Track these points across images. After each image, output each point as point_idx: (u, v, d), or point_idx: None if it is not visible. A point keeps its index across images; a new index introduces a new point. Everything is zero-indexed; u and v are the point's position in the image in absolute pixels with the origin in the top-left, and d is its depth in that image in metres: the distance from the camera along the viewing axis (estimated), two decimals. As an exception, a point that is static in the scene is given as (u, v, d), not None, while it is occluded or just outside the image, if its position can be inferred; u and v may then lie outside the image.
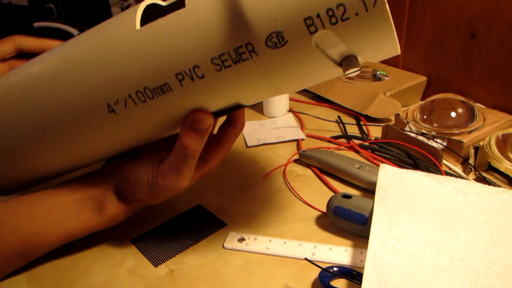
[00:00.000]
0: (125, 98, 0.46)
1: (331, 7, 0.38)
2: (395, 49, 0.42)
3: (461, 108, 0.78)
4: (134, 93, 0.46)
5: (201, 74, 0.43)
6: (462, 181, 0.59)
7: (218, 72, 0.43)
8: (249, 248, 0.57)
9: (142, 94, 0.46)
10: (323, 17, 0.38)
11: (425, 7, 0.92)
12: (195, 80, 0.44)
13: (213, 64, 0.43)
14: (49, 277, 0.54)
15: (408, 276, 0.46)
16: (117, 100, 0.47)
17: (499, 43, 0.81)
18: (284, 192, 0.68)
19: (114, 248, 0.58)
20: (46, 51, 0.54)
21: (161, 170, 0.51)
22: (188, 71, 0.43)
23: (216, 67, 0.43)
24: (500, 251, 0.49)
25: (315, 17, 0.38)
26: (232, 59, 0.42)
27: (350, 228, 0.58)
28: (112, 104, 0.47)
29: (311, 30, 0.39)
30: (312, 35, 0.39)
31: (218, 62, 0.42)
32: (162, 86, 0.45)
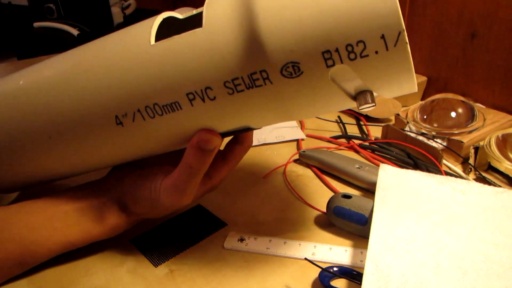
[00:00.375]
0: (134, 112, 0.46)
1: (351, 43, 0.37)
2: (413, 88, 0.42)
3: (461, 108, 0.78)
4: (143, 108, 0.46)
5: (213, 96, 0.43)
6: (462, 181, 0.59)
7: (230, 96, 0.43)
8: (249, 248, 0.57)
9: (151, 110, 0.46)
10: (342, 52, 0.38)
11: (425, 7, 0.92)
12: (206, 101, 0.44)
13: (226, 87, 0.42)
14: (49, 277, 0.54)
15: (408, 276, 0.46)
16: (125, 113, 0.47)
17: (499, 43, 0.81)
18: (284, 192, 0.68)
19: (114, 248, 0.58)
20: (58, 55, 0.54)
21: (165, 187, 0.50)
22: (200, 92, 0.43)
23: (228, 90, 0.42)
24: (500, 251, 0.49)
25: (333, 51, 0.38)
26: (245, 84, 0.42)
27: (350, 228, 0.58)
28: (120, 117, 0.47)
29: (328, 63, 0.39)
30: (329, 69, 0.39)
31: (231, 85, 0.42)
32: (172, 104, 0.45)
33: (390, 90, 0.43)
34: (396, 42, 0.37)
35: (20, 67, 0.55)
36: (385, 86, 0.41)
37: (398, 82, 0.41)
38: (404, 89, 0.43)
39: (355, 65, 0.38)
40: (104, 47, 0.49)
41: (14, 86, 0.53)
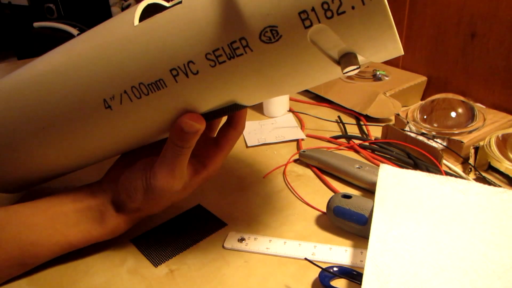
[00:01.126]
0: (121, 94, 0.47)
1: (326, 0, 0.37)
2: (397, 48, 0.41)
3: (461, 108, 0.78)
4: (129, 88, 0.46)
5: (196, 70, 0.43)
6: (462, 181, 0.59)
7: (212, 68, 0.43)
8: (249, 248, 0.57)
9: (137, 90, 0.46)
10: (318, 11, 0.37)
11: (425, 7, 0.92)
12: (189, 76, 0.44)
13: (208, 60, 0.43)
14: (49, 277, 0.54)
15: (408, 276, 0.46)
16: (112, 96, 0.47)
17: (499, 43, 0.81)
18: (284, 192, 0.68)
19: (114, 248, 0.58)
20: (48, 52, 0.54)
21: (153, 170, 0.51)
22: (183, 66, 0.44)
23: (210, 62, 0.43)
24: (500, 251, 0.49)
25: (309, 10, 0.38)
26: (226, 55, 0.42)
27: (350, 228, 0.58)
28: (108, 100, 0.47)
29: (306, 24, 0.38)
30: (307, 30, 0.39)
31: (213, 57, 0.42)
32: (157, 82, 0.45)
33: (374, 52, 0.42)
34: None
35: (20, 67, 0.55)
36: (368, 47, 0.41)
37: (381, 41, 0.40)
38: (389, 50, 0.42)
39: (333, 23, 0.38)
40: (89, 36, 0.50)
41: (8, 83, 0.54)
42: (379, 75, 0.97)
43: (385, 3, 0.36)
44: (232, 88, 0.45)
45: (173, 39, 0.43)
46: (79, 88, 0.48)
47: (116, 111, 0.48)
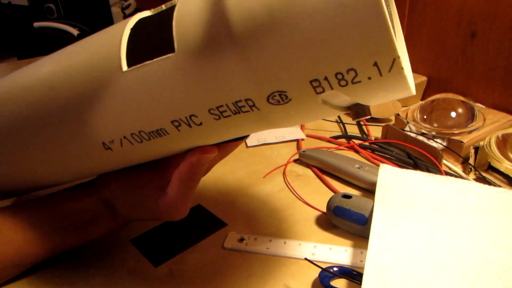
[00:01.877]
0: (121, 139, 0.44)
1: (341, 71, 0.34)
2: (410, 94, 0.38)
3: (461, 108, 0.78)
4: (129, 135, 0.44)
5: (199, 122, 0.41)
6: (462, 181, 0.59)
7: (217, 120, 0.40)
8: (249, 248, 0.57)
9: (137, 136, 0.44)
10: (332, 80, 0.35)
11: (425, 7, 0.92)
12: (192, 127, 0.41)
13: (211, 114, 0.40)
14: (49, 277, 0.54)
15: (408, 276, 0.46)
16: (112, 140, 0.45)
17: (499, 43, 0.81)
18: (284, 192, 0.68)
19: (114, 248, 0.58)
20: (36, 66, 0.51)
21: (166, 205, 0.49)
22: (185, 119, 0.41)
23: (214, 116, 0.40)
24: (500, 251, 0.49)
25: (322, 80, 0.35)
26: (231, 111, 0.39)
27: (350, 228, 0.58)
28: (108, 143, 0.45)
29: (317, 91, 0.36)
30: (319, 95, 0.36)
31: (216, 112, 0.39)
32: (158, 131, 0.42)
33: (385, 101, 0.41)
34: (391, 69, 0.33)
35: (20, 67, 0.55)
36: (380, 101, 0.39)
37: (394, 96, 0.38)
38: (400, 96, 0.40)
39: (346, 90, 0.36)
40: (74, 70, 0.44)
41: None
42: (379, 75, 0.97)
43: (405, 75, 0.34)
44: (236, 132, 0.43)
45: (169, 94, 0.39)
46: (74, 129, 0.46)
47: (117, 151, 0.46)
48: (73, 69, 0.44)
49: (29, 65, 0.51)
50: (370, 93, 0.36)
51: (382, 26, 0.31)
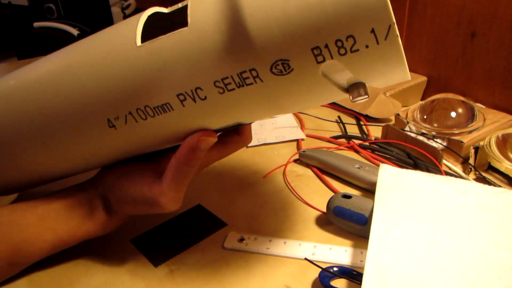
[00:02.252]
0: (126, 115, 0.46)
1: (340, 38, 0.36)
2: (405, 76, 0.41)
3: (461, 108, 0.78)
4: (134, 110, 0.45)
5: (204, 96, 0.42)
6: (462, 181, 0.59)
7: (221, 95, 0.42)
8: (249, 248, 0.57)
9: (142, 112, 0.45)
10: (332, 48, 0.37)
11: (425, 7, 0.92)
12: (197, 101, 0.43)
13: (216, 87, 0.42)
14: (49, 277, 0.54)
15: (408, 276, 0.46)
16: (117, 116, 0.46)
17: (499, 43, 0.81)
18: (284, 192, 0.68)
19: (114, 248, 0.58)
20: (50, 54, 0.53)
21: (160, 191, 0.49)
22: (190, 92, 0.42)
23: (219, 89, 0.42)
24: (500, 251, 0.49)
25: (323, 47, 0.37)
26: (235, 83, 0.41)
27: (350, 228, 0.58)
28: (112, 120, 0.46)
29: (318, 59, 0.38)
30: (320, 64, 0.38)
31: (221, 85, 0.41)
32: (164, 106, 0.44)
33: (383, 81, 0.42)
34: (387, 36, 0.36)
35: (20, 67, 0.55)
36: (377, 78, 0.41)
37: (391, 73, 0.40)
38: (397, 78, 0.42)
39: (345, 59, 0.38)
40: (91, 49, 0.48)
41: (4, 87, 0.53)
42: (379, 75, 0.97)
43: (399, 43, 0.36)
44: (240, 112, 0.45)
45: (179, 65, 0.42)
46: (82, 106, 0.47)
47: (120, 130, 0.47)
48: (92, 53, 0.47)
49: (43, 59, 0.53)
50: (368, 66, 0.38)
51: None
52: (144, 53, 0.43)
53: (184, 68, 0.41)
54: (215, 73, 0.41)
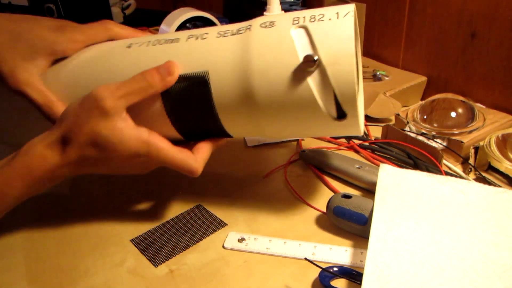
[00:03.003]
0: (145, 43, 0.58)
1: (314, 14, 0.51)
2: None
3: (461, 108, 0.78)
4: (153, 39, 0.58)
5: (205, 37, 0.55)
6: (462, 181, 0.59)
7: (217, 38, 0.54)
8: (249, 248, 0.57)
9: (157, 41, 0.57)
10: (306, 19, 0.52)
11: (425, 7, 0.92)
12: (198, 39, 0.55)
13: (218, 34, 0.54)
14: (49, 277, 0.54)
15: (408, 276, 0.46)
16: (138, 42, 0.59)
17: (499, 43, 0.81)
18: (284, 192, 0.68)
19: (114, 248, 0.58)
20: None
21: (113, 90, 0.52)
22: (199, 35, 0.55)
23: (217, 36, 0.54)
24: (500, 251, 0.49)
25: (301, 17, 0.52)
26: (232, 32, 0.54)
27: (350, 228, 0.58)
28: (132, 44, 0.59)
29: (294, 22, 0.51)
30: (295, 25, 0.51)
31: (222, 33, 0.55)
32: (174, 40, 0.56)
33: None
34: (345, 15, 0.49)
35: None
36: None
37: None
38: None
39: (313, 26, 0.50)
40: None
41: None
42: (379, 75, 0.97)
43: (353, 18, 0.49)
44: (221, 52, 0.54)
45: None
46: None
47: (134, 50, 0.58)
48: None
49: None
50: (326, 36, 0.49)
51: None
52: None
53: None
54: (221, 28, 0.56)
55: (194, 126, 0.56)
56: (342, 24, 0.49)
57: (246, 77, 0.51)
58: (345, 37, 0.48)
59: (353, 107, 0.49)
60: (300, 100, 0.50)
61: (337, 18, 0.49)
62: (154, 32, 1.36)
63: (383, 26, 1.03)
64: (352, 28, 0.48)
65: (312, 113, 0.51)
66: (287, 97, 0.50)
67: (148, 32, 0.75)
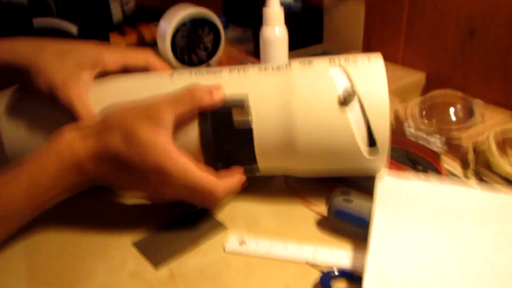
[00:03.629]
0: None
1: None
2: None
3: (460, 104, 0.78)
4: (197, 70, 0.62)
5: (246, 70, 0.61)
6: (461, 184, 0.59)
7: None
8: (250, 251, 0.57)
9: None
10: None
11: (424, 4, 0.91)
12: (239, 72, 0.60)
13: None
14: (49, 279, 0.55)
15: (408, 279, 0.46)
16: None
17: (498, 40, 0.81)
18: (284, 194, 0.68)
19: (114, 251, 0.59)
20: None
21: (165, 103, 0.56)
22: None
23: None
24: (500, 253, 0.49)
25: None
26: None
27: (351, 231, 0.58)
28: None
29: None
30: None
31: None
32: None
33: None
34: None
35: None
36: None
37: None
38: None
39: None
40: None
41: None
42: (378, 72, 0.97)
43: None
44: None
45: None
46: None
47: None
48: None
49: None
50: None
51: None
52: None
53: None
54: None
55: (224, 152, 0.59)
56: (375, 63, 0.57)
57: (288, 108, 0.56)
58: (379, 74, 0.56)
59: (385, 140, 0.56)
60: (336, 132, 0.56)
61: (368, 60, 0.57)
62: (154, 29, 1.35)
63: (383, 23, 1.03)
64: (383, 67, 0.56)
65: (346, 145, 0.56)
66: (325, 128, 0.56)
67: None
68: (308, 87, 0.56)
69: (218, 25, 1.09)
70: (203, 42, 1.12)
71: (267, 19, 0.86)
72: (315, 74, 0.57)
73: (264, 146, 0.58)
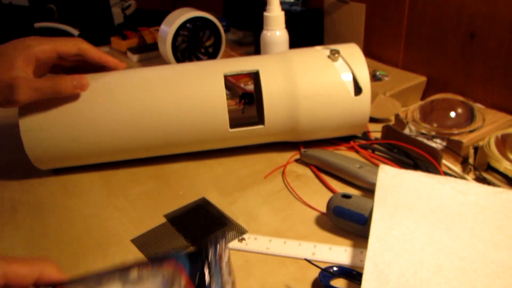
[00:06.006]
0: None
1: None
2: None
3: (460, 108, 0.78)
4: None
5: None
6: (462, 181, 0.59)
7: None
8: (249, 248, 0.57)
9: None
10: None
11: (424, 7, 0.92)
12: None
13: None
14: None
15: (408, 276, 0.46)
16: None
17: (499, 44, 0.81)
18: (284, 192, 0.68)
19: (114, 248, 0.59)
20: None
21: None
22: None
23: None
24: (499, 251, 0.49)
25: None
26: None
27: (350, 228, 0.58)
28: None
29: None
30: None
31: None
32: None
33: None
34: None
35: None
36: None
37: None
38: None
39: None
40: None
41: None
42: (379, 75, 0.97)
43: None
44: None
45: None
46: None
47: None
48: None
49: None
50: None
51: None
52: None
53: None
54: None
55: None
56: (349, 45, 0.78)
57: (291, 72, 0.73)
58: (353, 46, 0.78)
59: (366, 82, 0.74)
60: (329, 78, 0.73)
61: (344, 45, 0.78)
62: (155, 33, 1.36)
63: (383, 26, 1.03)
64: (357, 47, 0.77)
65: (337, 87, 0.73)
66: (320, 79, 0.72)
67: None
68: (305, 59, 0.74)
69: (219, 28, 1.10)
70: (204, 46, 1.12)
71: (268, 24, 0.86)
72: (309, 50, 0.77)
73: (271, 104, 0.72)
